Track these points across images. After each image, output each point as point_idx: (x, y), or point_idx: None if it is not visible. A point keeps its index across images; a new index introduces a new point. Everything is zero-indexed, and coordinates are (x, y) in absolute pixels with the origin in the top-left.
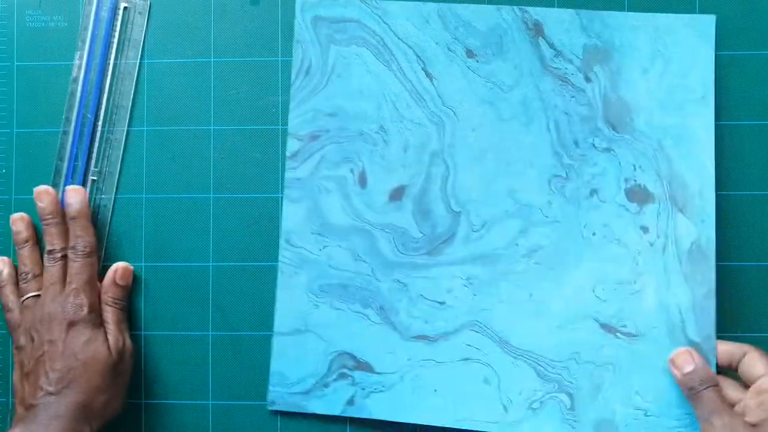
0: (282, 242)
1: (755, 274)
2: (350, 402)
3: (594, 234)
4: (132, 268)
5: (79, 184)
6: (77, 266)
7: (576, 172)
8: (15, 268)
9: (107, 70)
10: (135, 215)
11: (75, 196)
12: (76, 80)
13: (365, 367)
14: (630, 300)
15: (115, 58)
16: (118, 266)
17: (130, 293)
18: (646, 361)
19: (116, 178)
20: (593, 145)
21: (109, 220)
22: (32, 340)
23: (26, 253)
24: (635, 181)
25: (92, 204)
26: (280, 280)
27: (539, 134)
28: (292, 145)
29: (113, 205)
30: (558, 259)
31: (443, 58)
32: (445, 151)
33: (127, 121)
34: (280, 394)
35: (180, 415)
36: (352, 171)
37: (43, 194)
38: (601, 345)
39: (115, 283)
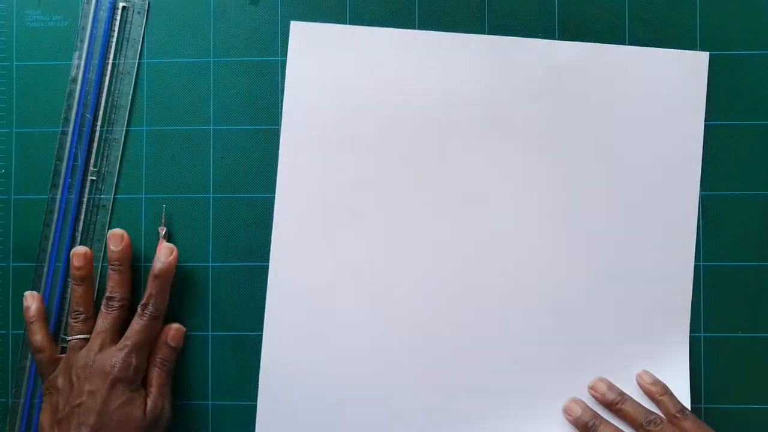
0: None
1: (742, 275)
2: None
3: None
4: (184, 330)
5: (78, 183)
6: (141, 325)
7: None
8: (44, 305)
9: (106, 70)
10: (134, 215)
11: (167, 254)
12: (74, 80)
13: None
14: None
15: (114, 58)
16: (172, 327)
17: (132, 288)
18: None
19: (115, 178)
20: None
21: (108, 220)
22: (71, 384)
23: (82, 291)
24: None
25: (91, 204)
26: None
27: None
28: None
29: (112, 206)
30: None
31: None
32: None
33: (126, 120)
34: None
35: (180, 415)
36: None
37: (118, 239)
38: None
39: (166, 343)
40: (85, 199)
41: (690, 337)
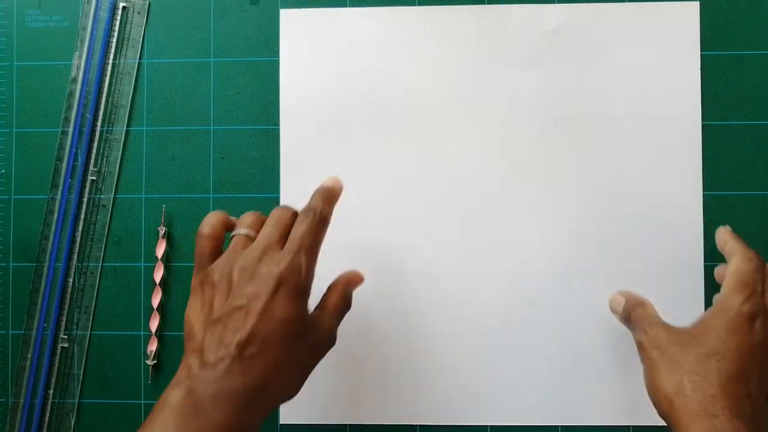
0: None
1: None
2: None
3: None
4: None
5: (78, 183)
6: (308, 226)
7: None
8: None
9: (106, 70)
10: (134, 215)
11: (333, 179)
12: (75, 80)
13: None
14: None
15: (114, 58)
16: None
17: (135, 293)
18: None
19: (115, 178)
20: None
21: (108, 220)
22: (230, 283)
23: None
24: None
25: (91, 204)
26: None
27: None
28: None
29: (112, 206)
30: None
31: None
32: None
33: (126, 121)
34: None
35: None
36: None
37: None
38: None
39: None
40: (85, 199)
41: None
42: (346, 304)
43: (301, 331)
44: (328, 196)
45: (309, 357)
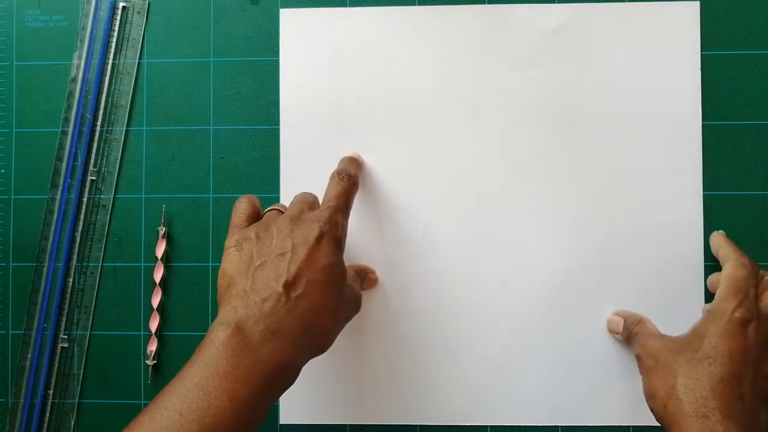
0: None
1: None
2: None
3: None
4: (376, 280)
5: (78, 183)
6: (342, 188)
7: None
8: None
9: (106, 70)
10: (134, 215)
11: (354, 153)
12: (74, 80)
13: None
14: None
15: (114, 58)
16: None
17: (135, 293)
18: None
19: (115, 178)
20: None
21: (108, 220)
22: (271, 237)
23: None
24: None
25: (91, 204)
26: None
27: None
28: None
29: (112, 206)
30: None
31: None
32: None
33: (126, 120)
34: None
35: None
36: None
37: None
38: None
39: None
40: (85, 199)
41: None
42: (362, 280)
43: (341, 280)
44: (356, 164)
45: (343, 310)
